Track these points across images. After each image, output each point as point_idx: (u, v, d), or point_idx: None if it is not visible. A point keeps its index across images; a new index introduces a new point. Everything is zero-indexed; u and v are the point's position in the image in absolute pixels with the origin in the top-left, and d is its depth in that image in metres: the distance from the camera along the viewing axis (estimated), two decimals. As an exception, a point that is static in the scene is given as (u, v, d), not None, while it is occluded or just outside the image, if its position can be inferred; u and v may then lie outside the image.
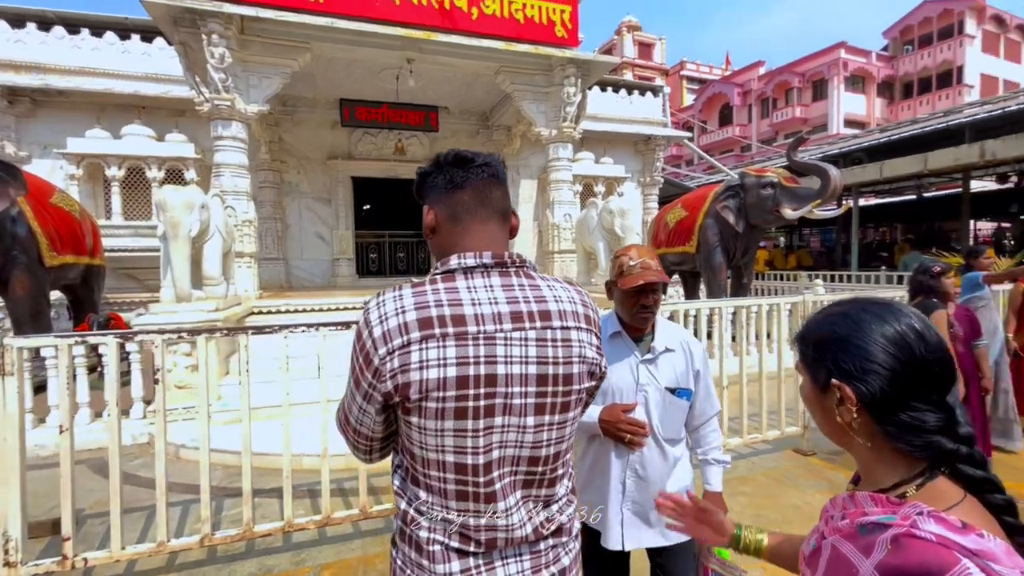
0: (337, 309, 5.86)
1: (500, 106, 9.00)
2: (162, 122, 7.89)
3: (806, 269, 12.72)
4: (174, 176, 7.58)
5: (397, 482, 0.92)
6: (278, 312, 5.64)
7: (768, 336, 4.79)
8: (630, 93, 10.89)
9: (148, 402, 4.48)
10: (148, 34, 7.90)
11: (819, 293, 6.54)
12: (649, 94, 11.07)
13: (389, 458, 0.97)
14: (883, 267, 11.09)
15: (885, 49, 28.25)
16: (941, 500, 0.60)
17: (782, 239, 19.89)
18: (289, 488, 2.58)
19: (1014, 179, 15.38)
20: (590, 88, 7.57)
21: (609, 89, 10.61)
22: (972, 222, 18.19)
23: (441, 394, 0.80)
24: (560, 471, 0.92)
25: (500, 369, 0.81)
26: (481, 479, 0.83)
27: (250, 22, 5.62)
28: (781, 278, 11.24)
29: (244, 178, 5.86)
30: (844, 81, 26.38)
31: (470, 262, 0.88)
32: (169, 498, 2.42)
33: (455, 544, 0.85)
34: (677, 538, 1.47)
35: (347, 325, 2.67)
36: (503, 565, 0.86)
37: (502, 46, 6.52)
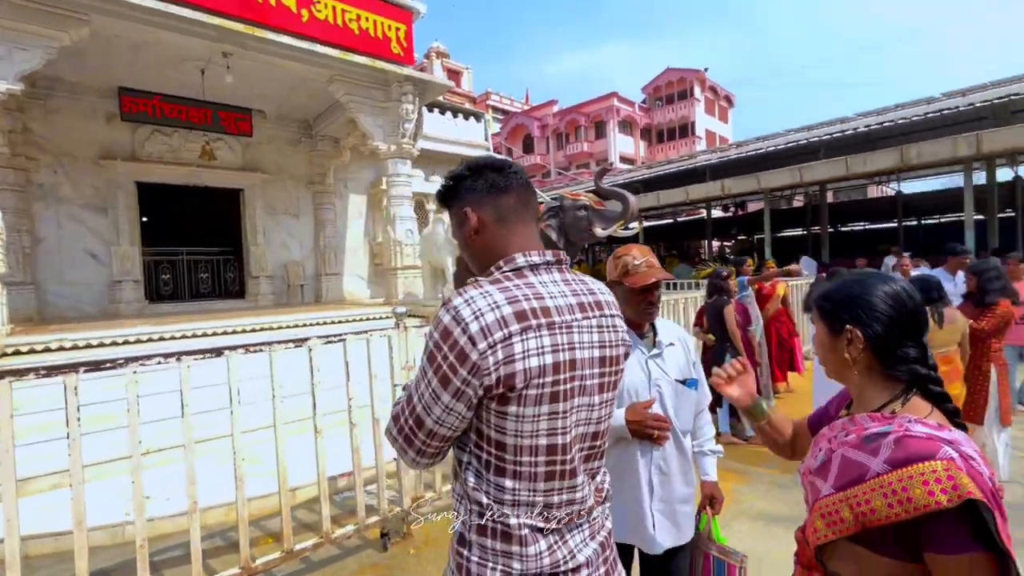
0: (137, 341, 4.79)
1: (327, 115, 8.52)
2: None
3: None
4: None
5: (472, 480, 0.92)
6: (47, 351, 4.36)
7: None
8: (455, 116, 11.37)
9: None
10: None
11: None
12: (472, 119, 11.71)
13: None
14: (662, 276, 13.70)
15: (644, 102, 35.00)
16: (919, 411, 0.88)
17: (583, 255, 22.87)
18: (146, 562, 2.07)
19: (733, 210, 20.55)
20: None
21: (436, 111, 10.90)
22: (711, 240, 23.55)
23: (541, 380, 0.85)
24: (607, 444, 1.04)
25: (578, 354, 0.90)
26: (568, 457, 0.90)
27: (-7, -26, 4.32)
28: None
29: (-17, 176, 4.42)
30: (618, 124, 31.80)
31: (536, 260, 0.94)
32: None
33: (540, 524, 0.89)
34: (690, 535, 1.57)
35: (217, 352, 2.29)
36: (571, 536, 0.93)
37: (338, 54, 6.25)
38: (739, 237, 21.72)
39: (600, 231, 8.85)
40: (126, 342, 4.71)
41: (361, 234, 10.14)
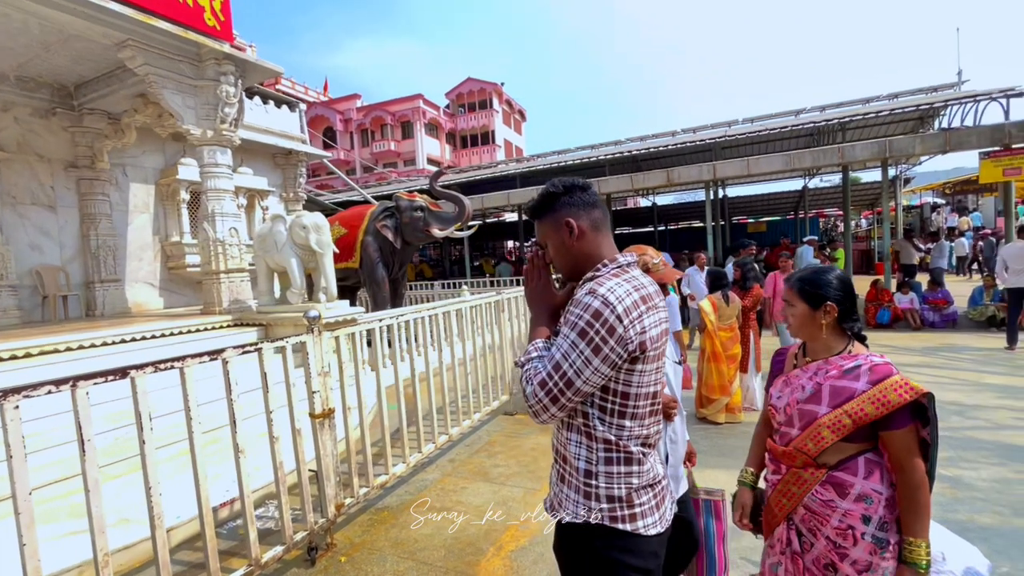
0: None
1: (99, 84, 6.88)
2: None
3: (428, 279, 15.20)
4: None
5: (599, 425, 1.18)
6: None
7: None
8: (265, 102, 10.24)
9: None
10: None
11: (469, 297, 8.28)
12: (286, 107, 10.71)
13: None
14: (487, 276, 14.64)
15: (448, 107, 36.21)
16: (861, 350, 1.41)
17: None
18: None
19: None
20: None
21: (243, 94, 9.66)
22: (512, 242, 25.79)
23: (656, 344, 1.17)
24: None
25: (662, 326, 1.24)
26: (657, 399, 1.23)
27: None
28: (415, 287, 13.06)
29: None
30: (424, 126, 32.26)
31: (630, 259, 1.25)
32: None
33: (644, 450, 1.21)
34: (685, 487, 1.86)
35: (123, 373, 1.92)
36: (652, 456, 1.27)
37: (135, 15, 5.20)
38: (521, 240, 24.35)
39: (438, 232, 9.15)
40: None
41: (149, 232, 8.42)
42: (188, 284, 8.80)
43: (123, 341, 4.91)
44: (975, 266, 16.40)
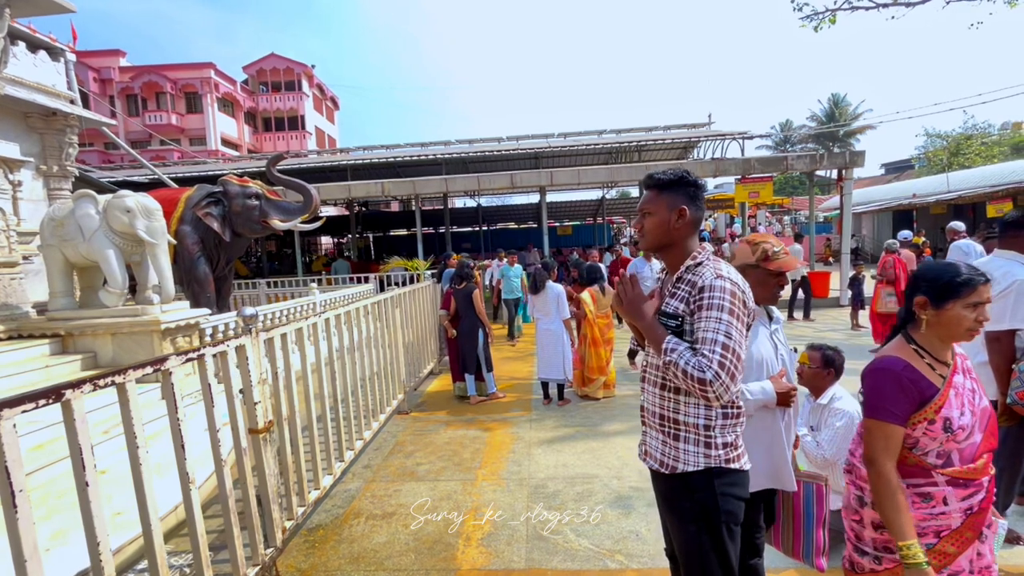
0: None
1: None
2: None
3: (244, 278, 13.22)
4: None
5: (720, 387, 1.38)
6: None
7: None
8: (13, 43, 7.66)
9: None
10: None
11: (318, 294, 7.61)
12: (44, 53, 8.19)
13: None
14: (323, 273, 13.32)
15: (247, 83, 31.70)
16: None
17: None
18: None
19: (357, 209, 21.83)
20: None
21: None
22: (331, 239, 24.24)
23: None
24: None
25: None
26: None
27: None
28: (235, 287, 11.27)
29: None
30: (217, 101, 27.67)
31: (713, 249, 1.50)
32: None
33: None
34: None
35: (56, 394, 1.43)
36: None
37: None
38: (353, 235, 23.33)
39: (279, 224, 8.29)
40: None
41: None
42: None
43: None
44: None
